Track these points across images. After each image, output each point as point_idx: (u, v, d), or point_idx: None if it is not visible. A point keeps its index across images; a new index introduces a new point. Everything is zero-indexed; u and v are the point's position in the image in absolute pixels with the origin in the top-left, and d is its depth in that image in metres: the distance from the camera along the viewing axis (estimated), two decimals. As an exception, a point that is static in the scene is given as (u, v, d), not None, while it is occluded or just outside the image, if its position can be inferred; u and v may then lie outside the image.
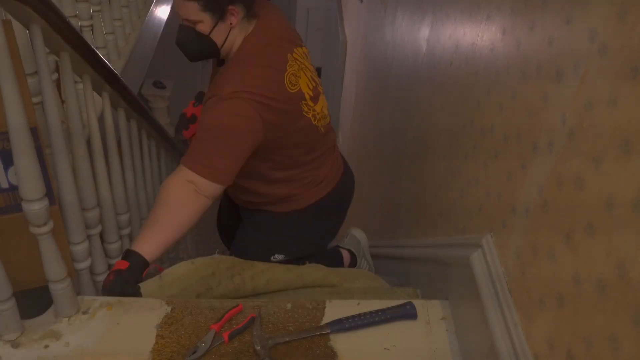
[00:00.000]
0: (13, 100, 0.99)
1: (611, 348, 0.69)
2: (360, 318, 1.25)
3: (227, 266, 1.55)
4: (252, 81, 1.41)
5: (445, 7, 1.64)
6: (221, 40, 1.44)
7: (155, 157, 2.21)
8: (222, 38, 1.44)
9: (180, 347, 1.18)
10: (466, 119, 1.35)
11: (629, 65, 0.70)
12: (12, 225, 1.15)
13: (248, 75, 1.42)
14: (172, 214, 1.39)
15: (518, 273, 0.99)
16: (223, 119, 1.39)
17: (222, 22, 1.41)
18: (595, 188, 0.75)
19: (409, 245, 1.82)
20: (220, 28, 1.41)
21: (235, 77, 1.42)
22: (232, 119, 1.39)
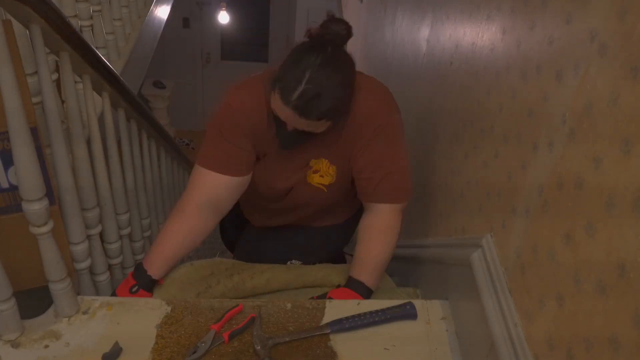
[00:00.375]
0: (13, 100, 0.99)
1: (611, 348, 0.69)
2: (360, 318, 1.25)
3: (226, 267, 1.56)
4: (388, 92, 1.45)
5: (445, 7, 1.64)
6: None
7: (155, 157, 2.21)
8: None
9: (180, 347, 1.18)
10: (466, 119, 1.35)
11: (629, 65, 0.70)
12: (12, 225, 1.15)
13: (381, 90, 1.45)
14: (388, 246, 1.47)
15: (518, 273, 0.99)
16: (404, 141, 1.46)
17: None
18: (595, 188, 0.75)
19: (409, 245, 1.82)
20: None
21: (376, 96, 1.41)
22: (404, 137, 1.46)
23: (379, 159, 1.40)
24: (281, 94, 1.21)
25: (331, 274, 1.63)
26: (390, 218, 1.44)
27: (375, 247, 1.45)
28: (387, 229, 1.45)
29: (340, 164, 1.44)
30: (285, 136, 1.32)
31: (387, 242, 1.45)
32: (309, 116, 1.22)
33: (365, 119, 1.37)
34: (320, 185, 1.48)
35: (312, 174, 1.46)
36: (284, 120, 1.27)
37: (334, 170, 1.45)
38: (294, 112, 1.21)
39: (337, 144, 1.40)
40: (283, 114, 1.25)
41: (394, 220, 1.45)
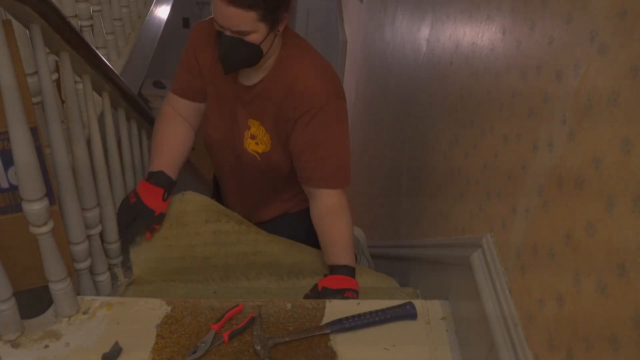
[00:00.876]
0: (13, 100, 0.99)
1: (611, 348, 0.69)
2: (360, 318, 1.25)
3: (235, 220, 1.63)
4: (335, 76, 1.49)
5: (445, 7, 1.64)
6: (267, 48, 1.38)
7: (155, 157, 2.21)
8: (268, 46, 1.38)
9: (180, 347, 1.18)
10: (466, 118, 1.35)
11: (629, 65, 0.70)
12: (12, 225, 1.15)
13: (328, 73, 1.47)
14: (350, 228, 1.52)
15: (518, 273, 0.99)
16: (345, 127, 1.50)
17: (272, 32, 1.35)
18: (595, 188, 0.75)
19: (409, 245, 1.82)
20: (270, 37, 1.35)
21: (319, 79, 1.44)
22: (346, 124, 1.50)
23: (315, 142, 1.45)
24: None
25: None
26: (335, 201, 1.50)
27: (336, 231, 1.50)
28: (337, 211, 1.50)
29: (275, 134, 1.49)
30: (224, 44, 1.34)
31: (344, 223, 1.50)
32: (239, 2, 1.25)
33: (304, 97, 1.41)
34: (254, 152, 1.53)
35: (250, 140, 1.52)
36: (220, 23, 1.32)
37: (267, 138, 1.50)
38: (225, 0, 1.25)
39: (274, 111, 1.46)
40: (218, 10, 1.29)
41: (340, 202, 1.50)
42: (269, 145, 1.52)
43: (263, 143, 1.52)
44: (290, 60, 1.45)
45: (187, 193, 1.63)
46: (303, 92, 1.41)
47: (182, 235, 1.58)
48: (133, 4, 2.66)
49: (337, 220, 1.50)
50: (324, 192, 1.49)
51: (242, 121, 1.52)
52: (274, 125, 1.49)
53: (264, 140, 1.51)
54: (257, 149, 1.53)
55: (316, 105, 1.41)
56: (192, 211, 1.61)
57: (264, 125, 1.50)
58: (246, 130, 1.52)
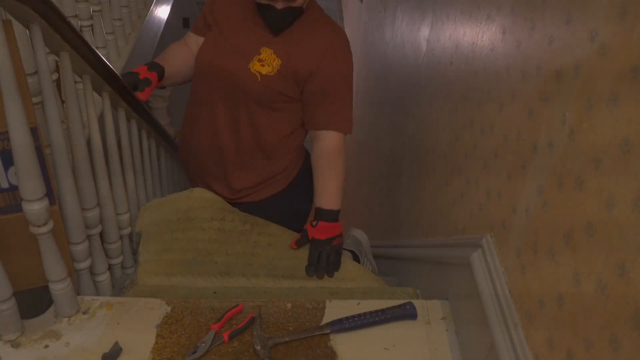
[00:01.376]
0: (13, 100, 0.99)
1: (611, 348, 0.69)
2: (360, 318, 1.25)
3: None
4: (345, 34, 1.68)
5: (445, 7, 1.64)
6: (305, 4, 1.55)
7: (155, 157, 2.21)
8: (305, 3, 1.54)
9: (180, 347, 1.18)
10: (466, 118, 1.35)
11: (629, 65, 0.70)
12: (12, 225, 1.15)
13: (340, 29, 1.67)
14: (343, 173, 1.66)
15: (518, 273, 0.99)
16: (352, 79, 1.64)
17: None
18: (595, 188, 0.75)
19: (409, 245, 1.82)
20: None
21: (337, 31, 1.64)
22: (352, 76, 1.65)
23: (331, 92, 1.59)
24: None
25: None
26: (338, 143, 1.62)
27: (332, 174, 1.62)
28: (337, 155, 1.62)
29: (285, 61, 1.58)
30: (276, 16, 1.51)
31: (340, 167, 1.63)
32: None
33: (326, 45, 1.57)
34: (256, 72, 1.59)
35: (256, 62, 1.59)
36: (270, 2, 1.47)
37: (277, 63, 1.58)
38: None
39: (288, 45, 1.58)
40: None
41: (342, 146, 1.62)
42: (275, 69, 1.58)
43: (270, 66, 1.58)
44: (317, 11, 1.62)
45: (195, 190, 1.73)
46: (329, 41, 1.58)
47: (188, 229, 1.66)
48: (133, 4, 2.66)
49: (334, 163, 1.62)
50: (332, 134, 1.60)
51: (254, 46, 1.60)
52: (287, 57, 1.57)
53: (273, 64, 1.58)
54: (261, 69, 1.59)
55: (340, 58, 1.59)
56: (199, 207, 1.69)
57: (276, 53, 1.58)
58: (255, 55, 1.59)
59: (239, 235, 1.66)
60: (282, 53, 1.58)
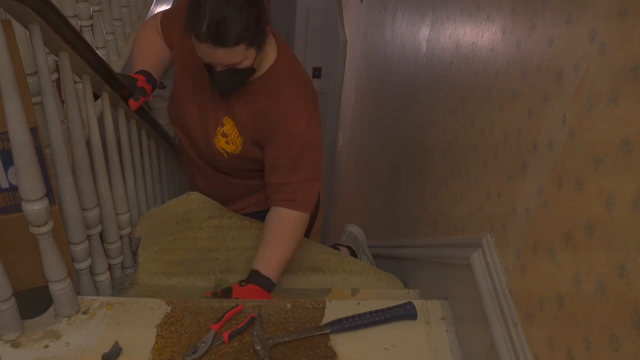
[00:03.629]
0: (13, 100, 0.99)
1: (611, 348, 0.69)
2: (360, 318, 1.25)
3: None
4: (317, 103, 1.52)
5: (445, 7, 1.64)
6: (258, 63, 1.40)
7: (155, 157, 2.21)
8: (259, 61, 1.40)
9: (180, 347, 1.18)
10: (466, 118, 1.35)
11: (629, 65, 0.70)
12: (12, 225, 1.15)
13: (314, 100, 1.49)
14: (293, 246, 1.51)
15: (518, 273, 0.99)
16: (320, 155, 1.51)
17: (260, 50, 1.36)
18: (595, 188, 0.75)
19: (409, 245, 1.82)
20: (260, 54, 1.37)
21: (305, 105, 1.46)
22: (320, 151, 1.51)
23: (288, 166, 1.46)
24: (194, 34, 1.27)
25: (330, 260, 1.64)
26: (294, 219, 1.48)
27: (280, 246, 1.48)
28: (290, 229, 1.49)
29: (248, 140, 1.50)
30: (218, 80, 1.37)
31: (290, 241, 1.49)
32: (225, 42, 1.26)
33: (288, 118, 1.43)
34: (222, 150, 1.54)
35: (220, 137, 1.53)
36: (210, 63, 1.34)
37: (240, 141, 1.51)
38: (210, 44, 1.26)
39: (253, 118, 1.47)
40: (204, 53, 1.31)
41: (297, 222, 1.49)
42: (239, 147, 1.52)
43: (234, 144, 1.52)
44: (282, 76, 1.45)
45: (192, 193, 1.73)
46: (288, 113, 1.43)
47: (187, 230, 1.65)
48: (133, 4, 2.66)
49: (285, 235, 1.49)
50: (290, 212, 1.48)
51: (218, 116, 1.52)
52: (249, 132, 1.49)
53: (236, 142, 1.52)
54: (226, 147, 1.54)
55: (298, 129, 1.43)
56: (197, 209, 1.69)
57: (238, 128, 1.50)
58: (219, 126, 1.52)
59: (239, 231, 1.66)
60: (243, 127, 1.49)
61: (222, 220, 1.68)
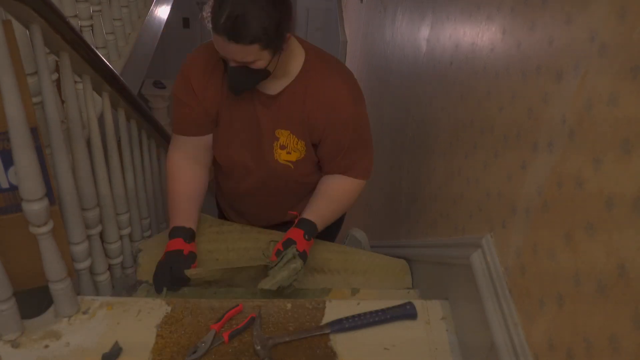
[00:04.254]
0: (13, 101, 0.99)
1: (611, 348, 0.69)
2: (360, 318, 1.25)
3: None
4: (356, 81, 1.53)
5: (445, 7, 1.64)
6: (273, 67, 1.36)
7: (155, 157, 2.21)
8: (274, 65, 1.36)
9: (180, 347, 1.18)
10: (466, 118, 1.35)
11: (629, 65, 0.70)
12: (12, 225, 1.15)
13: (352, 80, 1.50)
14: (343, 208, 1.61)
15: (518, 273, 0.99)
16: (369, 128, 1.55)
17: (277, 54, 1.33)
18: (595, 188, 0.75)
19: (409, 245, 1.82)
20: (275, 58, 1.34)
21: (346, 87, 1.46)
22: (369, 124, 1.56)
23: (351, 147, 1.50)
24: (213, 24, 1.25)
25: (332, 260, 1.64)
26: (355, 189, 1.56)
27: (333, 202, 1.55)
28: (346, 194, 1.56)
29: (307, 140, 1.49)
30: (231, 75, 1.34)
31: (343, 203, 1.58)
32: (239, 39, 1.24)
33: (335, 106, 1.43)
34: (287, 162, 1.52)
35: (280, 150, 1.50)
36: (224, 55, 1.31)
37: (302, 145, 1.49)
38: (224, 37, 1.24)
39: (302, 117, 1.45)
40: (219, 45, 1.28)
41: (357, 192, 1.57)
42: (303, 152, 1.50)
43: (297, 151, 1.50)
44: (316, 67, 1.45)
45: None
46: (334, 101, 1.43)
47: None
48: (133, 4, 2.66)
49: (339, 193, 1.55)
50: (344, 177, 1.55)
51: (269, 135, 1.49)
52: (305, 131, 1.47)
53: (298, 147, 1.49)
54: (290, 158, 1.51)
55: (347, 115, 1.45)
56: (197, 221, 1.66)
57: (294, 134, 1.48)
58: (275, 142, 1.49)
59: (240, 234, 1.66)
60: (298, 131, 1.47)
61: (223, 227, 1.69)
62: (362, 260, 1.70)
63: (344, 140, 1.48)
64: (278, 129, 1.47)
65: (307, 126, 1.46)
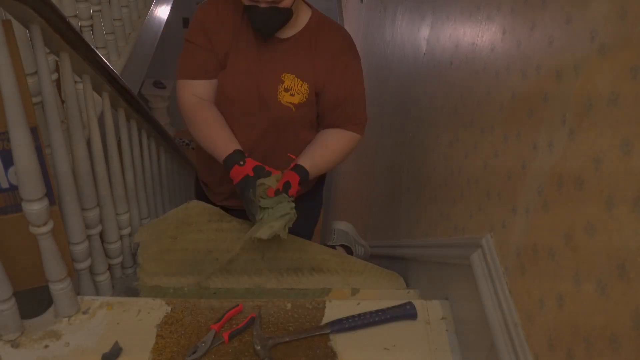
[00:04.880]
0: (13, 100, 0.99)
1: (611, 348, 0.69)
2: (360, 318, 1.25)
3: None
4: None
5: (445, 7, 1.64)
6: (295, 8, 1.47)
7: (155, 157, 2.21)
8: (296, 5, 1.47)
9: (180, 347, 1.18)
10: (466, 118, 1.35)
11: (629, 65, 0.70)
12: (12, 225, 1.15)
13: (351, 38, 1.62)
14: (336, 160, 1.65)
15: (518, 273, 0.99)
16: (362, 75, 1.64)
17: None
18: (595, 188, 0.75)
19: (409, 245, 1.82)
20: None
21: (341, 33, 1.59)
22: None
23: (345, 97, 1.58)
24: None
25: (330, 261, 1.64)
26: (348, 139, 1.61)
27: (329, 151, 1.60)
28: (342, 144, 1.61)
29: (312, 84, 1.55)
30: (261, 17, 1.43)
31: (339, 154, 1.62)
32: None
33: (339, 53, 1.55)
34: (289, 104, 1.56)
35: (284, 92, 1.55)
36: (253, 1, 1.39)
37: (305, 88, 1.55)
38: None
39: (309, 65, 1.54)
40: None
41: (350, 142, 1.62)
42: (306, 95, 1.55)
43: (300, 93, 1.55)
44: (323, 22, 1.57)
45: (191, 202, 1.74)
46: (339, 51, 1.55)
47: (186, 232, 1.66)
48: (133, 4, 2.66)
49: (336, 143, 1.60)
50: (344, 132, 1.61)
51: (275, 76, 1.55)
52: (310, 76, 1.54)
53: (301, 90, 1.55)
54: (292, 100, 1.55)
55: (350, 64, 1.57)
56: (196, 214, 1.70)
57: (300, 77, 1.54)
58: (279, 84, 1.55)
59: (239, 233, 1.66)
60: (304, 75, 1.54)
61: (222, 224, 1.69)
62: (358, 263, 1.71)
63: (344, 90, 1.57)
64: (284, 72, 1.54)
65: (313, 71, 1.54)
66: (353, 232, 2.22)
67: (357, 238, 2.23)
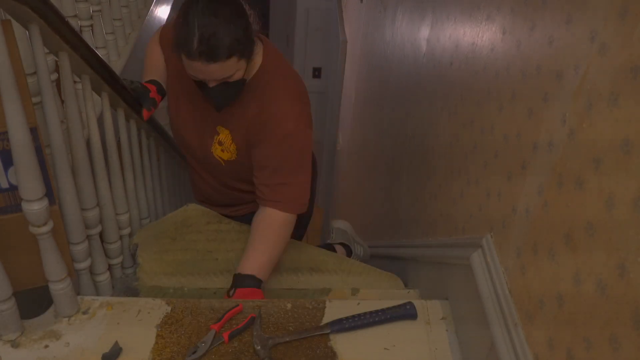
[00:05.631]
0: (13, 100, 0.99)
1: (611, 348, 0.69)
2: (360, 318, 1.25)
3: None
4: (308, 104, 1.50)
5: (445, 7, 1.64)
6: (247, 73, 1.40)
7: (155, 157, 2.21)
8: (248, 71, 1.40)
9: (180, 347, 1.18)
10: (466, 118, 1.35)
11: (629, 65, 0.70)
12: (12, 225, 1.15)
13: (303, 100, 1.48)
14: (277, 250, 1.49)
15: (518, 273, 0.99)
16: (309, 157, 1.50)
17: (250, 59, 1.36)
18: (595, 188, 0.75)
19: (409, 245, 1.82)
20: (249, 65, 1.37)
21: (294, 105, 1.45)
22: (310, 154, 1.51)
23: (277, 167, 1.45)
24: (185, 53, 1.27)
25: (328, 261, 1.65)
26: (280, 220, 1.46)
27: (264, 248, 1.46)
28: (275, 230, 1.47)
29: (242, 146, 1.50)
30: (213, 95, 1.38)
31: (275, 242, 1.47)
32: (217, 57, 1.26)
33: (275, 119, 1.42)
34: (219, 158, 1.55)
35: (217, 145, 1.54)
36: (202, 79, 1.34)
37: (234, 148, 1.51)
38: (203, 61, 1.26)
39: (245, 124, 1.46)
40: (196, 70, 1.30)
41: (283, 223, 1.47)
42: (234, 155, 1.53)
43: (229, 152, 1.52)
44: (270, 78, 1.45)
45: (190, 205, 1.77)
46: (276, 114, 1.42)
47: (186, 233, 1.68)
48: (133, 4, 2.66)
49: (269, 237, 1.47)
50: (277, 213, 1.47)
51: (212, 126, 1.53)
52: (242, 138, 1.49)
53: (230, 149, 1.52)
54: (222, 155, 1.54)
55: (286, 130, 1.42)
56: (195, 216, 1.72)
57: (232, 135, 1.50)
58: (215, 135, 1.53)
59: (238, 234, 1.67)
60: (236, 133, 1.49)
61: (221, 225, 1.70)
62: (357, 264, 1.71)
63: (274, 156, 1.44)
64: (220, 125, 1.51)
65: (245, 130, 1.47)
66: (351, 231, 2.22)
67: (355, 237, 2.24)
